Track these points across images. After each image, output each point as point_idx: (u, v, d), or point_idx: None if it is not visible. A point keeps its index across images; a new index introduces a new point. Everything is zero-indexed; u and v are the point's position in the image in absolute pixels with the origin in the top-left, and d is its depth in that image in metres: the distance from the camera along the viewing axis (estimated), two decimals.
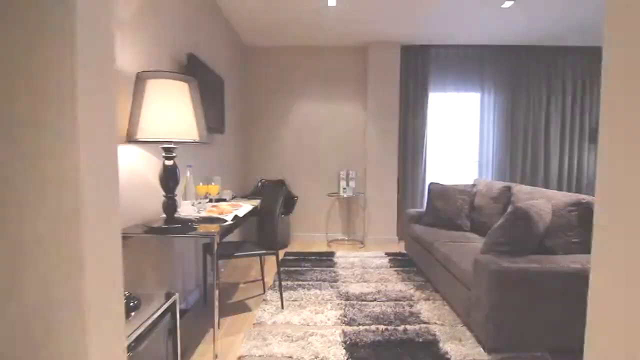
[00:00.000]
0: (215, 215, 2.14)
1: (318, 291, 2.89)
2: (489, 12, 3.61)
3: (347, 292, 2.86)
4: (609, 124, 0.66)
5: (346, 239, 4.79)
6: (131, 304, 1.28)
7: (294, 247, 4.43)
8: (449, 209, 3.43)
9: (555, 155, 4.77)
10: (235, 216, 2.16)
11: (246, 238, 4.62)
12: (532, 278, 1.91)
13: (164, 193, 1.91)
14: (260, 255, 2.46)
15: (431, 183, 3.69)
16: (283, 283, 3.09)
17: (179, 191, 2.34)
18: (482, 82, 4.73)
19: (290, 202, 4.46)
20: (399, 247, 4.40)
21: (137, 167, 1.97)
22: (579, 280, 1.91)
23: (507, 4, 3.46)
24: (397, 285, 3.02)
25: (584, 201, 2.12)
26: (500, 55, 4.67)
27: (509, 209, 2.13)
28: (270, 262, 3.75)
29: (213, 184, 2.61)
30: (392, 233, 4.67)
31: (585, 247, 2.15)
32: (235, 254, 2.36)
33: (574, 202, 2.16)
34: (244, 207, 2.52)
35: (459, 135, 4.83)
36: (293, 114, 4.74)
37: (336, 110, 4.75)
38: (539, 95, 4.73)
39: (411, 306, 2.60)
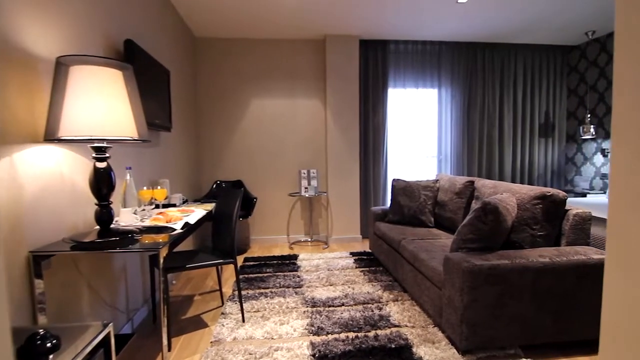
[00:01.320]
0: (161, 224, 1.87)
1: (282, 299, 2.69)
2: (445, 8, 3.59)
3: (313, 298, 2.69)
4: (621, 126, 0.65)
5: (309, 240, 4.63)
6: (48, 344, 1.01)
7: (255, 251, 4.19)
8: (413, 205, 3.38)
9: (509, 150, 4.92)
10: (186, 224, 1.91)
11: (204, 244, 4.30)
12: (504, 275, 1.85)
13: (96, 201, 1.61)
14: (216, 265, 2.21)
15: (394, 179, 3.62)
16: (243, 292, 2.85)
17: (116, 197, 2.04)
18: (440, 78, 4.76)
19: (249, 203, 4.21)
20: (364, 246, 4.31)
21: (60, 170, 1.65)
22: (548, 274, 1.88)
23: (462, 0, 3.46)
24: (364, 287, 2.90)
25: (548, 194, 2.11)
26: (456, 52, 4.73)
27: (478, 204, 2.07)
28: (229, 270, 3.50)
29: (159, 187, 2.32)
30: (355, 232, 4.57)
31: (550, 240, 2.14)
32: (187, 266, 2.10)
33: (538, 195, 2.14)
34: (196, 213, 2.26)
35: (419, 131, 4.84)
36: (250, 110, 4.49)
37: (296, 106, 4.55)
38: (493, 91, 4.85)
39: (380, 309, 2.49)
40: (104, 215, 1.62)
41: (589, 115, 4.52)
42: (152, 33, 2.89)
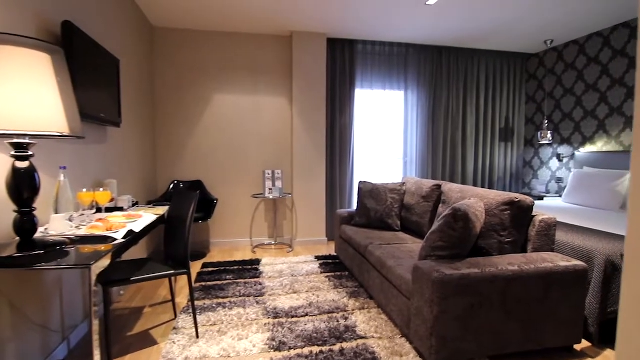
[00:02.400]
0: (99, 232, 1.63)
1: (242, 310, 2.50)
2: (413, 9, 3.55)
3: (275, 308, 2.53)
4: None
5: (273, 243, 4.44)
6: None
7: (214, 256, 3.94)
8: (380, 208, 3.30)
9: (472, 153, 5.01)
10: (129, 232, 1.68)
11: (159, 249, 3.99)
12: (474, 284, 1.79)
13: (15, 207, 1.36)
14: (166, 277, 1.99)
15: (361, 182, 3.53)
16: (200, 303, 2.63)
17: (47, 202, 1.77)
18: (406, 80, 4.75)
19: (209, 205, 3.95)
20: (329, 249, 4.19)
21: None
22: (517, 282, 1.84)
23: (431, 1, 3.43)
24: (329, 294, 2.78)
25: (516, 200, 2.09)
26: (422, 55, 4.73)
27: (447, 210, 2.00)
28: (185, 277, 3.24)
29: (102, 190, 2.05)
30: (321, 234, 4.45)
31: (517, 246, 2.12)
32: (132, 279, 1.86)
33: (506, 201, 2.12)
34: (145, 218, 2.03)
35: (385, 133, 4.80)
36: (212, 106, 4.23)
37: (260, 104, 4.35)
38: (457, 95, 4.91)
39: (346, 318, 2.37)
40: (26, 224, 1.37)
41: (546, 122, 4.69)
42: (99, 17, 2.59)
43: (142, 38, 3.64)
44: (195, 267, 3.55)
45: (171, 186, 4.05)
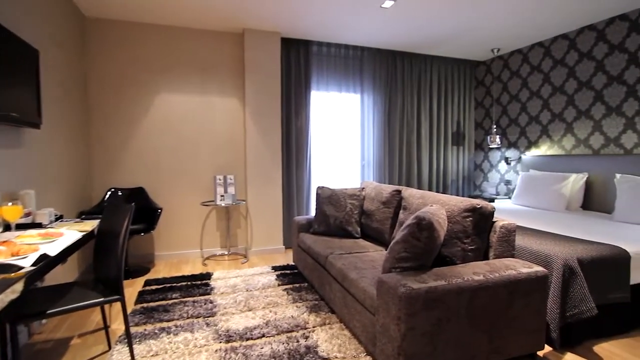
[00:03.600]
0: (0, 259, 1.31)
1: (189, 335, 2.23)
2: (369, 11, 3.48)
3: (227, 331, 2.28)
4: None
5: (226, 253, 4.15)
6: None
7: (159, 271, 3.58)
8: (339, 215, 3.17)
9: (426, 156, 5.07)
10: (42, 257, 1.37)
11: (91, 268, 3.54)
12: (441, 297, 1.69)
13: None
14: (94, 306, 1.68)
15: (319, 187, 3.37)
16: (140, 329, 2.31)
17: None
18: (362, 83, 4.70)
19: (151, 215, 3.58)
20: (287, 258, 3.99)
21: None
22: (483, 292, 1.78)
23: (387, 4, 3.38)
24: (288, 310, 2.58)
25: (478, 207, 2.04)
26: (377, 59, 4.71)
27: (410, 218, 1.90)
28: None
29: (11, 204, 1.69)
30: (278, 242, 4.23)
31: (479, 253, 2.08)
32: (49, 312, 1.54)
33: (468, 208, 2.06)
34: (67, 236, 1.71)
35: (342, 137, 4.70)
36: (155, 106, 3.85)
37: (210, 104, 4.05)
38: (412, 99, 4.95)
39: (307, 337, 2.19)
40: None
41: (495, 126, 4.86)
42: (13, 1, 2.20)
43: (70, 29, 3.21)
44: (137, 285, 3.18)
45: (107, 194, 3.62)
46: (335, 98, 4.60)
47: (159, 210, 3.54)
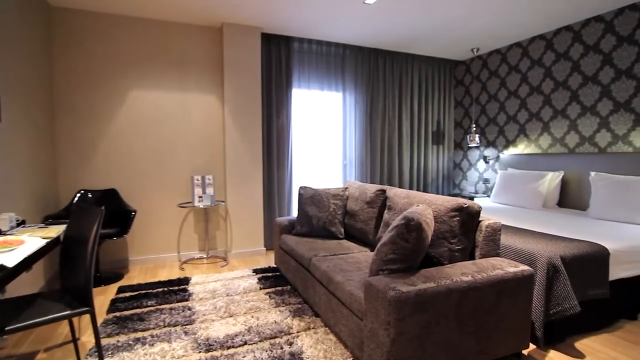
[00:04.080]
0: None
1: (166, 345, 2.10)
2: (351, 6, 3.42)
3: (207, 339, 2.17)
4: None
5: (205, 257, 4.00)
6: None
7: (134, 277, 3.40)
8: (323, 215, 3.10)
9: (407, 155, 5.08)
10: None
11: (56, 277, 3.33)
12: (430, 300, 1.65)
13: None
14: (60, 319, 1.55)
15: (301, 187, 3.29)
16: (113, 340, 2.17)
17: None
18: (344, 82, 4.65)
19: (125, 218, 3.40)
20: (268, 260, 3.89)
21: None
22: (471, 293, 1.75)
23: (370, 0, 3.33)
24: (270, 315, 2.49)
25: (465, 206, 2.02)
26: (359, 57, 4.67)
27: (398, 219, 1.85)
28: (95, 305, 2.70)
29: None
30: (259, 244, 4.12)
31: (466, 253, 2.06)
32: (7, 329, 1.40)
33: (455, 207, 2.04)
34: (28, 244, 1.56)
35: (324, 136, 4.64)
36: (129, 103, 3.66)
37: (188, 102, 3.89)
38: (393, 98, 4.94)
39: (291, 344, 2.11)
40: None
41: (474, 126, 4.92)
42: None
43: (34, 18, 2.99)
44: (109, 292, 3.00)
45: (77, 197, 3.41)
46: (317, 96, 4.53)
47: (133, 213, 3.37)
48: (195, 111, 3.93)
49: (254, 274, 3.38)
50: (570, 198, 3.76)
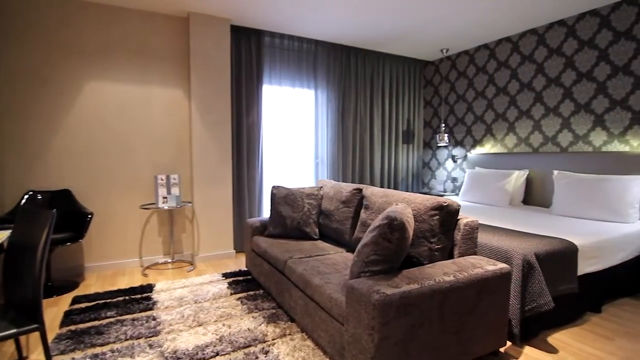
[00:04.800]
0: None
1: None
2: (324, 1, 3.34)
3: (175, 352, 2.00)
4: None
5: (170, 261, 3.77)
6: None
7: (91, 285, 3.13)
8: (297, 215, 3.00)
9: (378, 154, 5.08)
10: None
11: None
12: (415, 302, 1.60)
13: None
14: (4, 340, 1.34)
15: (274, 186, 3.17)
16: (66, 358, 1.95)
17: None
18: (316, 79, 4.56)
19: (80, 221, 3.11)
20: (238, 263, 3.73)
21: None
22: (454, 293, 1.72)
23: None
24: (243, 322, 2.36)
25: (445, 204, 1.99)
26: (331, 54, 4.60)
27: (382, 219, 1.79)
28: (46, 319, 2.44)
29: None
30: (228, 246, 3.94)
31: (445, 252, 2.03)
32: None
33: (435, 206, 2.01)
34: None
35: (296, 134, 4.53)
36: (84, 96, 3.37)
37: (151, 95, 3.64)
38: (365, 97, 4.92)
39: (266, 352, 1.99)
40: None
41: (443, 125, 5.00)
42: None
43: None
44: (62, 303, 2.73)
45: (24, 199, 3.09)
46: (288, 93, 4.41)
47: (90, 216, 3.09)
48: (158, 105, 3.69)
49: (224, 278, 3.21)
50: (534, 196, 3.90)
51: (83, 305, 2.64)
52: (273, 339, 2.14)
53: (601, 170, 3.34)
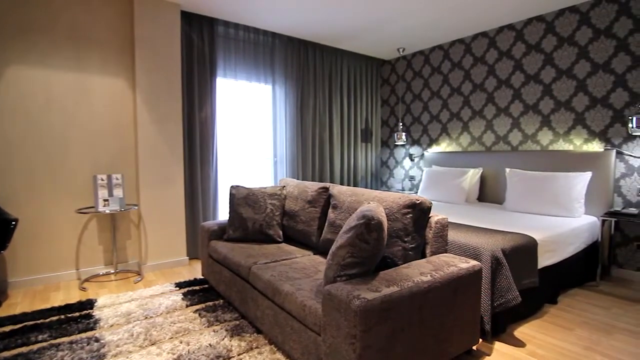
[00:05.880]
0: None
1: None
2: None
3: None
4: None
5: (113, 272, 3.37)
6: None
7: (16, 303, 2.68)
8: (259, 217, 2.80)
9: (338, 153, 5.01)
10: None
11: None
12: (395, 306, 1.51)
13: None
14: None
15: (233, 186, 2.95)
16: None
17: None
18: (274, 73, 4.37)
19: (1, 229, 2.65)
20: (192, 271, 3.44)
21: None
22: (432, 294, 1.66)
23: None
24: (203, 337, 2.13)
25: (417, 202, 1.94)
26: (289, 48, 4.44)
27: (357, 219, 1.68)
28: None
29: None
30: (180, 253, 3.63)
31: (419, 251, 1.98)
32: None
33: (408, 204, 1.95)
34: None
35: (253, 131, 4.31)
36: (7, 83, 2.88)
37: (88, 85, 3.23)
38: (323, 94, 4.83)
39: None
40: None
41: (401, 124, 5.06)
42: None
43: None
44: None
45: None
46: (244, 88, 4.18)
47: (13, 223, 2.64)
48: (98, 96, 3.28)
49: (177, 288, 2.93)
50: (488, 193, 4.06)
51: (7, 328, 2.24)
52: (239, 354, 1.94)
53: (549, 167, 3.54)
